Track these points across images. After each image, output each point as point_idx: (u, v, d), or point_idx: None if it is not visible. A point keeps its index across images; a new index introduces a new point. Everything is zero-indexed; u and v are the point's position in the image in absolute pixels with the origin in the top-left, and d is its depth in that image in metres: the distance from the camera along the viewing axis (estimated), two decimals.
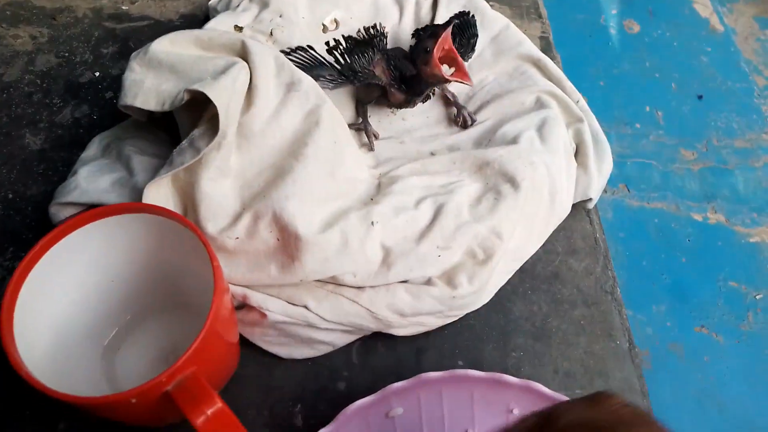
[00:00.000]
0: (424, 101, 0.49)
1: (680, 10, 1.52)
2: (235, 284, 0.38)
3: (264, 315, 0.38)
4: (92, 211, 0.32)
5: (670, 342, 1.01)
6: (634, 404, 0.23)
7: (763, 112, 1.32)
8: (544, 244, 0.46)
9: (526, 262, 0.45)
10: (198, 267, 0.34)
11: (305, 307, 0.38)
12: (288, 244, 0.37)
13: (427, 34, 0.47)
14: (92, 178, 0.41)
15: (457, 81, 0.44)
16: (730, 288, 1.10)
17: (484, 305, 0.42)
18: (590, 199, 0.47)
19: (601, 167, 0.47)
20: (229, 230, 0.37)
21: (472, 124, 0.48)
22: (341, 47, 0.46)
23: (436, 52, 0.44)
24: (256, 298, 0.38)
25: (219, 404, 0.29)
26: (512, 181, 0.42)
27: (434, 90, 0.49)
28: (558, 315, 0.43)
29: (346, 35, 0.47)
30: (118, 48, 0.57)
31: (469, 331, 0.42)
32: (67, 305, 0.35)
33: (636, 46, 1.43)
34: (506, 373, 0.39)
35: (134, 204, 0.33)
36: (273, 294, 0.38)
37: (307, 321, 0.38)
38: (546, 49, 0.57)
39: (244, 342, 0.39)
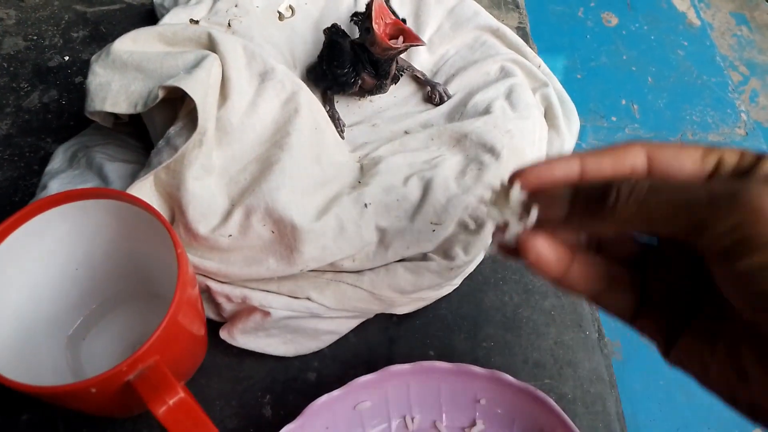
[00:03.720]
0: (395, 82, 0.49)
1: (658, 4, 1.53)
2: (233, 282, 0.38)
3: (267, 314, 0.37)
4: (54, 195, 0.32)
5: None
6: None
7: (737, 107, 1.34)
8: None
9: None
10: (166, 256, 0.33)
11: (308, 298, 0.38)
12: (284, 235, 0.36)
13: (365, 15, 0.46)
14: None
15: (410, 45, 0.43)
16: None
17: (456, 295, 0.43)
18: None
19: (571, 127, 0.49)
20: (221, 228, 0.36)
21: (448, 99, 0.48)
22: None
23: (377, 28, 0.43)
24: (257, 297, 0.37)
25: (181, 394, 0.28)
26: (492, 151, 0.42)
27: (403, 70, 0.49)
28: (529, 305, 0.43)
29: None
30: (89, 32, 0.56)
31: (441, 321, 0.42)
32: (30, 292, 0.34)
33: (613, 39, 1.44)
34: (476, 363, 0.39)
35: (98, 189, 0.32)
36: (273, 290, 0.38)
37: (311, 312, 0.38)
38: (523, 40, 0.57)
39: (212, 332, 0.39)
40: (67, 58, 0.54)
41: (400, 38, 0.44)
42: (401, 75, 0.49)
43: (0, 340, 0.31)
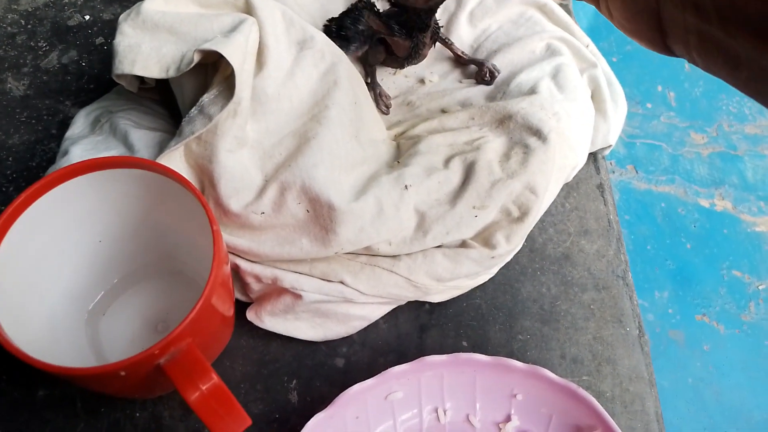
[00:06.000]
0: (433, 41, 0.45)
1: None
2: (263, 261, 0.36)
3: (298, 296, 0.35)
4: (82, 163, 0.30)
5: (670, 329, 1.01)
6: None
7: None
8: (555, 224, 0.44)
9: (536, 242, 0.43)
10: (195, 232, 0.32)
11: (341, 282, 0.36)
12: (320, 215, 0.34)
13: None
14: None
15: None
16: (733, 277, 1.10)
17: (491, 284, 0.41)
18: (609, 146, 0.46)
19: (618, 112, 0.46)
20: (254, 205, 0.34)
21: (498, 75, 0.45)
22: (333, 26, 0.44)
23: None
24: (288, 279, 0.35)
25: (215, 379, 0.27)
26: (538, 134, 0.40)
27: (437, 33, 0.45)
28: (567, 298, 0.41)
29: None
30: None
31: (475, 310, 0.40)
32: (51, 266, 0.32)
33: None
34: (511, 356, 0.37)
35: (129, 158, 0.30)
36: (305, 273, 0.36)
37: (344, 296, 0.36)
38: None
39: (239, 314, 0.37)
40: (87, 17, 0.51)
41: None
42: (438, 35, 0.45)
43: (20, 314, 0.29)
